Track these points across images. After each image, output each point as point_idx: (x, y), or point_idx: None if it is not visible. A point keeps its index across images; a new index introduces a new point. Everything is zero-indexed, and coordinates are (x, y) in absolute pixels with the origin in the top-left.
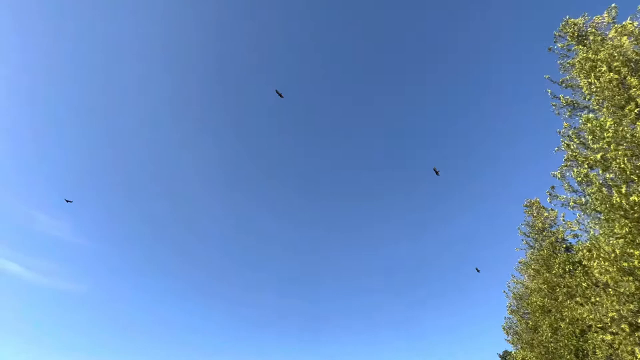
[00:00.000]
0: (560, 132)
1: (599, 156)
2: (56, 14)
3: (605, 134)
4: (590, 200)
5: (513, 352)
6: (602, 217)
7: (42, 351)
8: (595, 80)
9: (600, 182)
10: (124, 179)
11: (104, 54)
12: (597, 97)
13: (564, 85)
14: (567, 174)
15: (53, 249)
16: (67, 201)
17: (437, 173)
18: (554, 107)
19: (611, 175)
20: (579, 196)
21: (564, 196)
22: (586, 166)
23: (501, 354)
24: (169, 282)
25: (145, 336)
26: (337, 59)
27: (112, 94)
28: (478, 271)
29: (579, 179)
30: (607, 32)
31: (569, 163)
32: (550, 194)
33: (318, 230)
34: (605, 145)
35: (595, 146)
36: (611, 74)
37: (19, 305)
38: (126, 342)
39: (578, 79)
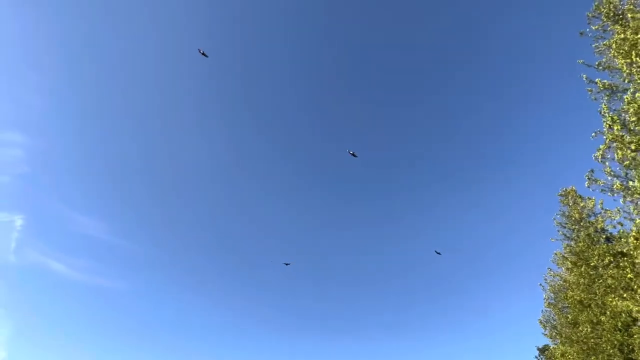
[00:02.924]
0: (601, 112)
1: None
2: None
3: None
4: (636, 184)
5: (552, 347)
6: None
7: (86, 344)
8: (638, 59)
9: None
10: (154, 179)
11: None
12: (639, 78)
13: (600, 67)
14: (609, 156)
15: (91, 247)
16: (286, 264)
17: (354, 155)
18: (590, 93)
19: None
20: (621, 181)
21: (604, 181)
22: (633, 147)
23: (540, 347)
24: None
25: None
26: (335, 58)
27: (147, 94)
28: (439, 254)
29: (626, 162)
30: None
31: (610, 145)
32: (589, 178)
33: (323, 230)
34: None
35: (638, 128)
36: None
37: (63, 300)
38: (155, 338)
39: (616, 60)
